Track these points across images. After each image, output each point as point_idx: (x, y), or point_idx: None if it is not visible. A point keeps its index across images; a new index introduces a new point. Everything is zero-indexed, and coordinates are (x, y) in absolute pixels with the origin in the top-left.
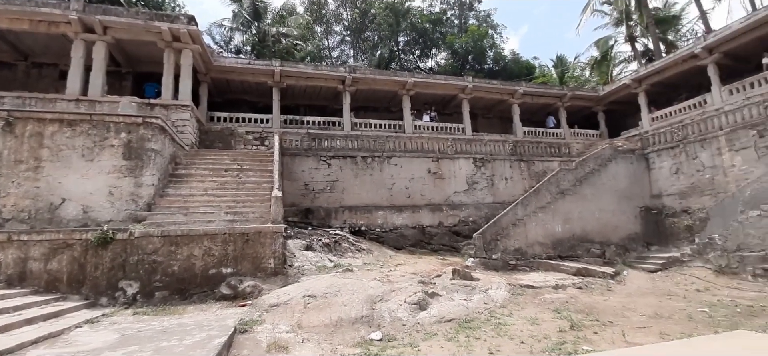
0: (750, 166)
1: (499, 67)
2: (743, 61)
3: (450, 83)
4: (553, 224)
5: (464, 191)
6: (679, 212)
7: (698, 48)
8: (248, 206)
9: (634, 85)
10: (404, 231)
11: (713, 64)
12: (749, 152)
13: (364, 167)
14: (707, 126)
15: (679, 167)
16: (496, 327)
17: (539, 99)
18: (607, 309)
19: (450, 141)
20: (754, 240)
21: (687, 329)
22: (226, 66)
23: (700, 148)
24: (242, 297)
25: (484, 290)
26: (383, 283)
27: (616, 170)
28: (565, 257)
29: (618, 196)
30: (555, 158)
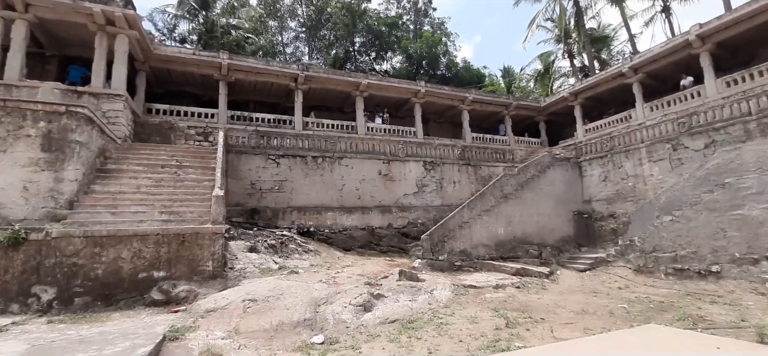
0: (665, 176)
1: (451, 73)
2: (662, 82)
3: (403, 87)
4: (497, 227)
5: (414, 194)
6: (606, 216)
7: (625, 67)
8: (186, 206)
9: (571, 98)
10: (354, 233)
11: (637, 82)
12: (665, 164)
13: (315, 167)
14: (631, 139)
15: (607, 175)
16: (438, 326)
17: (487, 107)
18: (541, 307)
19: (401, 144)
20: (667, 242)
21: (607, 324)
22: (168, 55)
23: (625, 158)
24: (175, 302)
25: (429, 290)
26: (329, 285)
27: (554, 176)
28: (507, 258)
29: (555, 201)
30: (500, 163)
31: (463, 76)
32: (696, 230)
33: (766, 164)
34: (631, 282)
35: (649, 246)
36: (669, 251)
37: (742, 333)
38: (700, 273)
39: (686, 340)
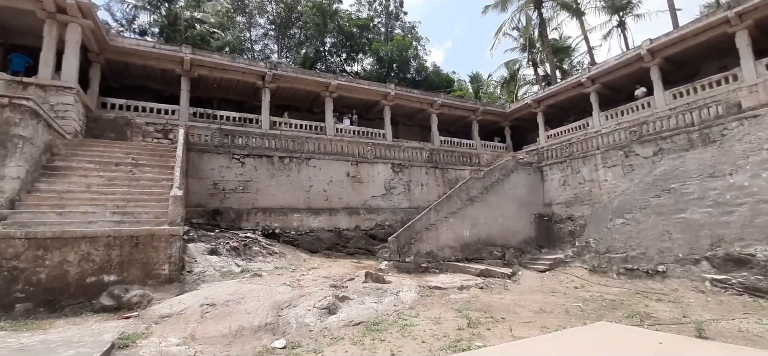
0: (618, 181)
1: (421, 77)
2: (617, 92)
3: (373, 89)
4: (462, 229)
5: (382, 196)
6: (565, 219)
7: (584, 78)
8: (142, 206)
9: (535, 105)
10: (321, 234)
11: (594, 92)
12: (618, 169)
13: (281, 168)
14: (588, 145)
15: (566, 180)
16: (402, 328)
17: (455, 111)
18: (502, 307)
19: (370, 146)
20: (619, 244)
21: (563, 322)
22: (126, 48)
23: (582, 164)
24: (127, 308)
25: (395, 292)
26: (293, 288)
27: (517, 180)
28: (471, 259)
29: (518, 204)
30: (467, 167)
31: (432, 81)
32: (645, 232)
33: (706, 172)
34: (587, 282)
35: (603, 247)
36: (621, 252)
37: (683, 329)
38: (648, 272)
39: (633, 336)
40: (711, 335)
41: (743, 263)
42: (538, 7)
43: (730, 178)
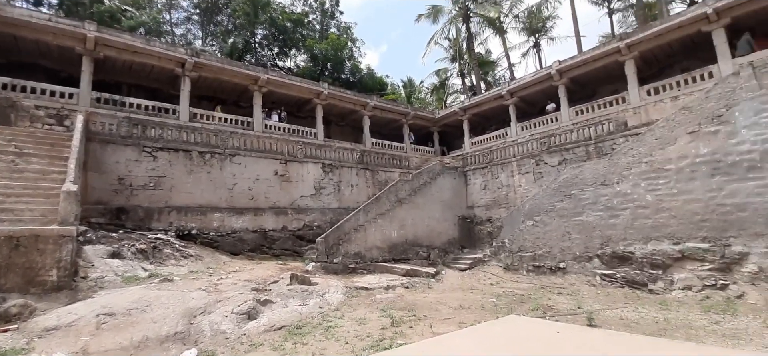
0: (530, 186)
1: (355, 78)
2: (532, 105)
3: (306, 87)
4: (390, 230)
5: (311, 196)
6: (485, 221)
7: (504, 91)
8: (25, 203)
9: (461, 113)
10: (244, 235)
11: (513, 105)
12: (530, 176)
13: (202, 164)
14: (506, 153)
15: (486, 184)
16: (326, 330)
17: (387, 114)
18: (425, 305)
19: (300, 144)
20: (529, 244)
21: (479, 316)
22: (15, 19)
23: (501, 170)
24: (5, 320)
25: (321, 294)
26: (209, 293)
27: (443, 183)
28: (398, 259)
29: (443, 206)
30: (396, 169)
31: (366, 83)
32: (550, 233)
33: (599, 180)
34: (501, 279)
35: (516, 247)
36: (530, 251)
37: (577, 318)
38: (551, 269)
39: (536, 327)
40: (599, 322)
41: (625, 260)
42: (467, 22)
43: (617, 186)
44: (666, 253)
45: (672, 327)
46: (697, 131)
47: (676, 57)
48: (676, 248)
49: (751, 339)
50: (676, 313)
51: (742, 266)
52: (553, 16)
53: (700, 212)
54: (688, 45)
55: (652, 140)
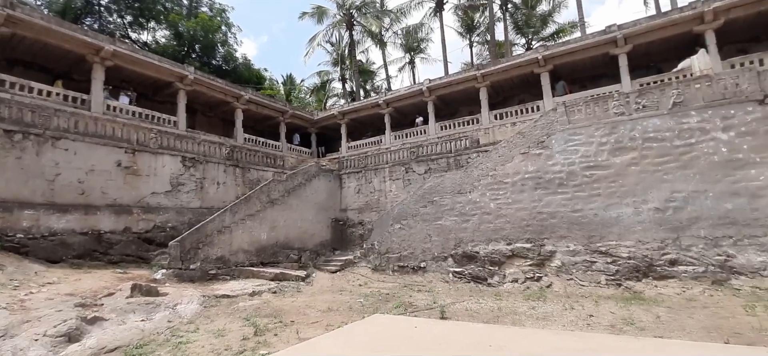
0: (399, 192)
1: (229, 67)
2: (405, 116)
3: (166, 67)
4: (260, 232)
5: (166, 193)
6: (357, 224)
7: (381, 100)
8: None
9: (340, 116)
10: (68, 238)
11: (388, 114)
12: (400, 182)
13: (9, 147)
14: (380, 159)
15: (360, 188)
16: (175, 347)
17: (264, 109)
18: (293, 310)
19: (155, 133)
20: (396, 245)
21: (346, 318)
22: None
23: (374, 175)
24: None
25: (171, 306)
26: (12, 312)
27: (319, 185)
28: (267, 263)
29: (317, 208)
30: (270, 168)
31: (241, 73)
32: (414, 235)
33: (456, 189)
34: (369, 279)
35: (384, 249)
36: (396, 253)
37: (433, 313)
38: (414, 268)
39: (397, 324)
40: (449, 315)
41: (472, 259)
42: (350, 29)
43: (469, 195)
44: (501, 252)
45: (503, 314)
46: (527, 153)
47: (517, 90)
48: (508, 248)
49: (555, 319)
50: (506, 302)
51: (551, 261)
52: (427, 38)
53: (526, 218)
54: (526, 81)
55: (496, 157)
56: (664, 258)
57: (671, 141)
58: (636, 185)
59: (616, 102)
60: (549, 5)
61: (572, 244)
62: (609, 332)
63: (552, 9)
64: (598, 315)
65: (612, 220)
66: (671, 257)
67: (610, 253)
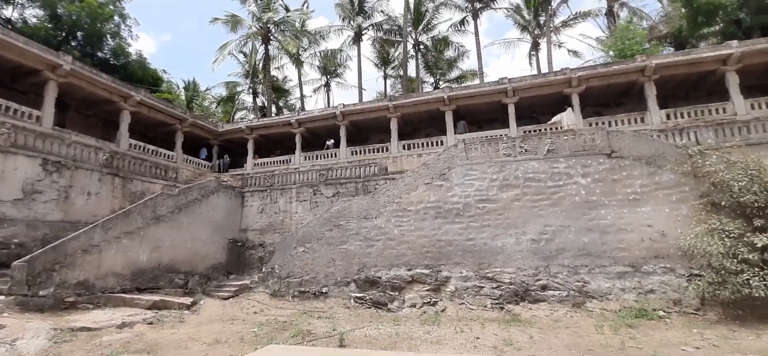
0: (306, 214)
1: (118, 63)
2: (317, 138)
3: (33, 52)
4: (139, 253)
5: (15, 202)
6: (257, 246)
7: (293, 119)
8: None
9: (247, 131)
10: None
11: (300, 134)
12: (306, 204)
13: None
14: (288, 179)
15: (264, 208)
16: None
17: (158, 115)
18: (172, 344)
19: (7, 127)
20: (298, 269)
21: (236, 350)
22: None
23: (280, 195)
24: None
25: (9, 341)
26: None
27: (217, 202)
28: (146, 289)
29: (213, 227)
30: (160, 180)
31: (134, 71)
32: (318, 259)
33: (362, 214)
34: (267, 306)
35: (285, 273)
36: (298, 277)
37: (332, 341)
38: (315, 294)
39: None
40: (349, 342)
41: (374, 284)
42: (266, 43)
43: (375, 220)
44: (402, 277)
45: (400, 339)
46: (430, 183)
47: (425, 123)
48: (409, 273)
49: (446, 343)
50: (404, 327)
51: (447, 287)
52: (345, 64)
53: (427, 245)
54: (432, 117)
55: (402, 185)
56: (538, 284)
57: (545, 182)
58: (518, 219)
59: (505, 144)
60: (455, 52)
61: (465, 270)
62: (492, 353)
63: (457, 56)
64: (483, 337)
65: (498, 249)
66: (543, 283)
67: (495, 279)
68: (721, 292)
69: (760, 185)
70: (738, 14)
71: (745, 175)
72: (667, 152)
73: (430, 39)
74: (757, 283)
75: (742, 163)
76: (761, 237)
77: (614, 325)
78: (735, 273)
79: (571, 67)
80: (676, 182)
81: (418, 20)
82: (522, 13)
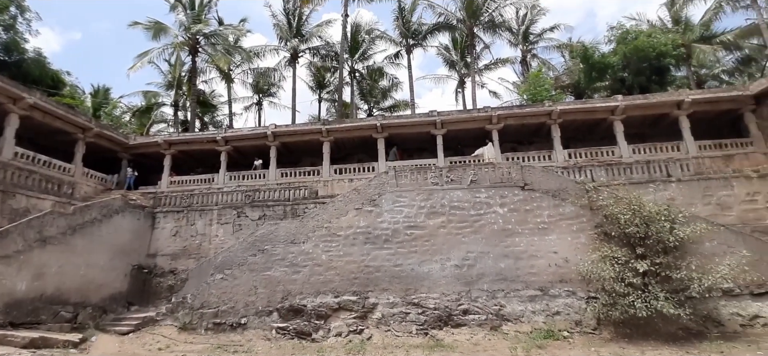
0: (227, 237)
1: (11, 59)
2: (245, 157)
3: None
4: (16, 281)
5: None
6: (167, 273)
7: (219, 136)
8: None
9: (165, 145)
10: None
11: (225, 152)
12: (229, 227)
13: None
14: (209, 199)
15: (178, 230)
16: None
17: (56, 121)
18: None
19: None
20: (214, 299)
21: None
22: None
23: (199, 216)
24: None
25: None
26: None
27: (122, 223)
28: (23, 324)
29: (115, 252)
30: (51, 196)
31: (30, 70)
32: (238, 287)
33: (290, 239)
34: (174, 341)
35: (198, 303)
36: (214, 307)
37: None
38: (232, 325)
39: None
40: None
41: (299, 312)
42: (194, 54)
43: (303, 245)
44: (329, 305)
45: None
46: (361, 209)
47: (357, 149)
48: (336, 301)
49: None
50: None
51: (373, 313)
52: (279, 84)
53: (355, 271)
54: (365, 143)
55: (332, 209)
56: (460, 308)
57: (468, 210)
58: (443, 245)
59: (433, 174)
60: (389, 83)
61: (392, 296)
62: None
63: (391, 86)
64: None
65: (424, 274)
66: (464, 307)
67: (421, 304)
68: (613, 313)
69: (640, 218)
70: (623, 74)
71: (628, 209)
72: (569, 186)
73: (366, 68)
74: (640, 304)
75: (627, 199)
76: (642, 263)
77: (526, 346)
78: (623, 296)
79: (492, 106)
80: (576, 213)
81: (355, 48)
82: (450, 52)
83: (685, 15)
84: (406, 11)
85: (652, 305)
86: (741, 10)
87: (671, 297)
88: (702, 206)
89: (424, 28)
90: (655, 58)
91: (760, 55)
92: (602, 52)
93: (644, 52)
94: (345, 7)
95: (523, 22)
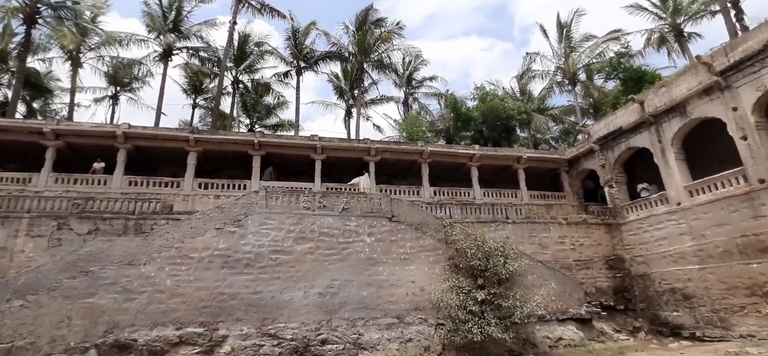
0: (39, 254)
1: None
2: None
3: None
4: None
5: None
6: None
7: (48, 128)
8: None
9: None
10: None
11: (53, 148)
12: (43, 241)
13: None
14: (18, 205)
15: None
16: None
17: None
18: None
19: None
20: (8, 332)
21: None
22: None
23: (1, 226)
24: None
25: None
26: None
27: None
28: None
29: None
30: None
31: None
32: (44, 317)
33: (127, 259)
34: None
35: None
36: (7, 342)
37: None
38: None
39: None
40: None
41: (126, 349)
42: (30, 25)
43: (143, 268)
44: (167, 339)
45: None
46: (222, 229)
47: (230, 165)
48: (177, 334)
49: None
50: None
51: (222, 347)
52: (145, 79)
53: (206, 298)
54: (240, 159)
55: (187, 227)
56: (319, 338)
57: (337, 238)
58: (309, 272)
59: (306, 198)
60: (275, 100)
61: (246, 327)
62: None
63: (277, 104)
64: None
65: (285, 302)
66: (324, 337)
67: (277, 335)
68: (455, 338)
69: (483, 252)
70: (482, 127)
71: (474, 244)
72: (430, 221)
73: (252, 81)
74: (476, 330)
75: (474, 235)
76: (481, 293)
77: None
78: (464, 322)
79: (371, 139)
80: (434, 246)
81: (242, 59)
82: (340, 81)
83: (529, 89)
84: (299, 33)
85: (486, 330)
86: (565, 93)
87: (500, 322)
88: (528, 244)
89: (317, 53)
90: (505, 119)
91: (574, 129)
92: (468, 107)
93: (497, 113)
94: (234, 13)
95: (407, 68)
